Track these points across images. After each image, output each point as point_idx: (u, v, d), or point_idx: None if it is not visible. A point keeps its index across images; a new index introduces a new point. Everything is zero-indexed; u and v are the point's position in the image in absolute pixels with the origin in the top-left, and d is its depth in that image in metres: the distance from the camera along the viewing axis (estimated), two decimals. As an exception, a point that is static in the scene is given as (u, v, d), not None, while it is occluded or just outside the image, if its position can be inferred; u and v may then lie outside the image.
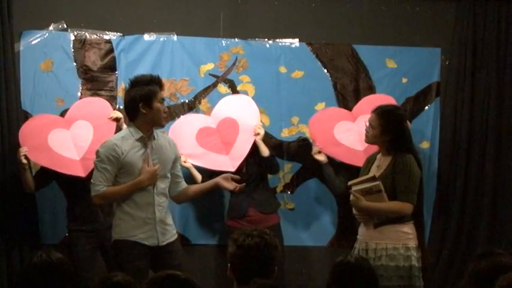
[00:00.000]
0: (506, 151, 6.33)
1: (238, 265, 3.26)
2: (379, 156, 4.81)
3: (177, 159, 4.86)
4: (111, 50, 6.06)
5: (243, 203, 5.72)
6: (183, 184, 4.90)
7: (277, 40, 6.27)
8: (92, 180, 4.62)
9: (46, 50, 5.96)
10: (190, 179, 5.60)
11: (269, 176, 5.95)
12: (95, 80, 6.03)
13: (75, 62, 6.02)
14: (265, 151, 5.76)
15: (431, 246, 6.12)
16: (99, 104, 5.76)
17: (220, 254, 5.96)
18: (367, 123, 4.79)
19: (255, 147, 5.76)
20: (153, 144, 4.66)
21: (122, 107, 5.95)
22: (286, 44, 6.28)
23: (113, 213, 4.72)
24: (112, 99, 5.98)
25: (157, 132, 4.75)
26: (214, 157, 5.78)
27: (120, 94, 6.00)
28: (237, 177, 4.86)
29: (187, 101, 6.12)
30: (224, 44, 6.20)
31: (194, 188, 4.98)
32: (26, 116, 5.87)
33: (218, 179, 4.84)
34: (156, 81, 4.66)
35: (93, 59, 6.04)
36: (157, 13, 6.15)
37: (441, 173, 6.34)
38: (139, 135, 4.61)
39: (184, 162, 5.67)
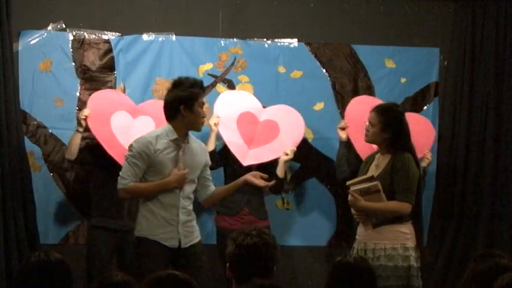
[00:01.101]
0: (505, 150, 6.33)
1: (237, 265, 3.26)
2: (377, 155, 4.81)
3: (207, 164, 4.85)
4: (109, 50, 6.06)
5: (240, 201, 5.66)
6: (212, 188, 4.88)
7: (276, 40, 6.27)
8: (120, 173, 4.64)
9: (45, 50, 5.95)
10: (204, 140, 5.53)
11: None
12: (94, 80, 6.02)
13: (74, 62, 6.01)
14: (282, 172, 5.71)
15: (430, 246, 6.12)
16: None
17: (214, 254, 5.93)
18: (367, 122, 4.79)
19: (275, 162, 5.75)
20: (185, 148, 4.67)
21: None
22: (285, 44, 6.28)
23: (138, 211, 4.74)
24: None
25: (191, 136, 4.76)
26: (238, 141, 5.76)
27: (118, 94, 6.01)
28: (265, 175, 4.83)
29: (185, 100, 6.11)
30: (223, 44, 6.20)
31: (221, 189, 4.96)
32: (25, 116, 5.88)
33: (247, 176, 4.81)
34: (199, 85, 4.68)
35: (92, 59, 6.03)
36: (156, 13, 6.15)
37: (440, 172, 6.34)
38: (174, 137, 4.63)
39: (215, 124, 5.68)
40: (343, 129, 5.85)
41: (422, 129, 5.93)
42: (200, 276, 4.59)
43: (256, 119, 5.88)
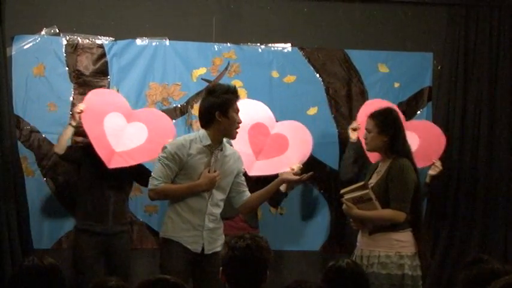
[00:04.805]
0: (498, 156, 6.34)
1: (229, 267, 3.24)
2: (380, 163, 4.78)
3: (240, 172, 4.83)
4: (103, 55, 6.05)
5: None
6: (247, 194, 4.85)
7: (270, 45, 6.28)
8: (152, 174, 4.67)
9: (38, 55, 5.95)
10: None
11: None
12: (87, 85, 6.00)
13: (68, 66, 6.00)
14: (285, 187, 5.59)
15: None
16: (165, 123, 5.74)
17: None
18: (365, 131, 4.76)
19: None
20: (218, 155, 4.66)
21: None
22: (279, 48, 6.28)
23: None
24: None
25: (226, 145, 4.76)
26: (247, 151, 5.66)
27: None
28: (297, 171, 4.81)
29: (179, 105, 6.11)
30: (216, 49, 6.20)
31: (257, 194, 4.88)
32: (18, 121, 5.87)
33: (284, 176, 4.84)
34: (233, 91, 4.67)
35: (86, 64, 6.03)
36: (149, 18, 6.15)
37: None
38: (207, 143, 4.62)
39: None
40: (354, 129, 5.84)
41: (431, 137, 5.97)
42: (217, 284, 4.60)
43: (268, 131, 5.84)
